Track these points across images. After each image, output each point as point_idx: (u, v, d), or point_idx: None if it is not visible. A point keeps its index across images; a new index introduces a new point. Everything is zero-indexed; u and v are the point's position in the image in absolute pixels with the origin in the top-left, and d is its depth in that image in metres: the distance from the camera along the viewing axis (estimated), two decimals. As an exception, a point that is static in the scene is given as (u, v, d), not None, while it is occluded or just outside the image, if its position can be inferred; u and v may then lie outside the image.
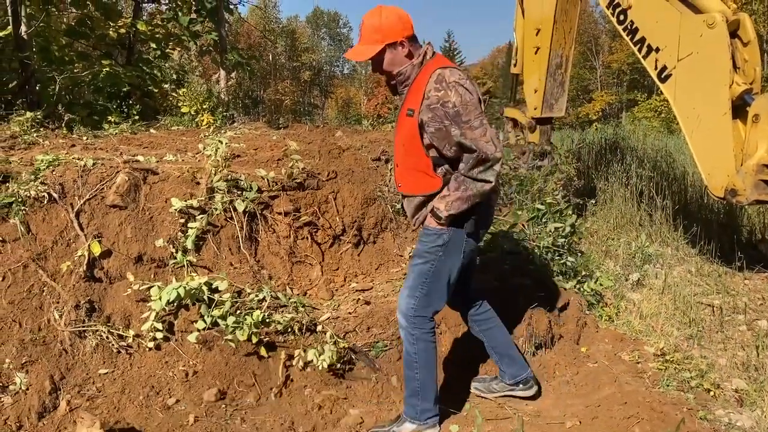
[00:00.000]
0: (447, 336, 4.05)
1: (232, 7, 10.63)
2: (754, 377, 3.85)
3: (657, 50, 5.73)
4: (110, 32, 9.59)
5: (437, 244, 3.15)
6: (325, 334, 3.69)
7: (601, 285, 5.06)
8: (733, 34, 5.29)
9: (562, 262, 4.88)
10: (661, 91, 5.84)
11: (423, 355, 3.24)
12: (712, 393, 3.68)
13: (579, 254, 5.34)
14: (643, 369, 4.04)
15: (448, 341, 4.03)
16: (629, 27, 6.02)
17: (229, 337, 3.55)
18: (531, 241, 4.87)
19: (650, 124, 21.23)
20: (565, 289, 4.66)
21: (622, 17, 6.10)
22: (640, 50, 5.91)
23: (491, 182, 3.00)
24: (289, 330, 3.72)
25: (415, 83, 3.11)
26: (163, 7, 11.00)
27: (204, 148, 4.67)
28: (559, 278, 4.78)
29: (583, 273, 5.05)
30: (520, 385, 3.65)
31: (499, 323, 3.67)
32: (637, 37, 5.92)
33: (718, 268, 5.92)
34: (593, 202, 7.60)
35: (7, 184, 3.92)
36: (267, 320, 3.68)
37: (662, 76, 5.68)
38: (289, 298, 3.99)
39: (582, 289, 4.86)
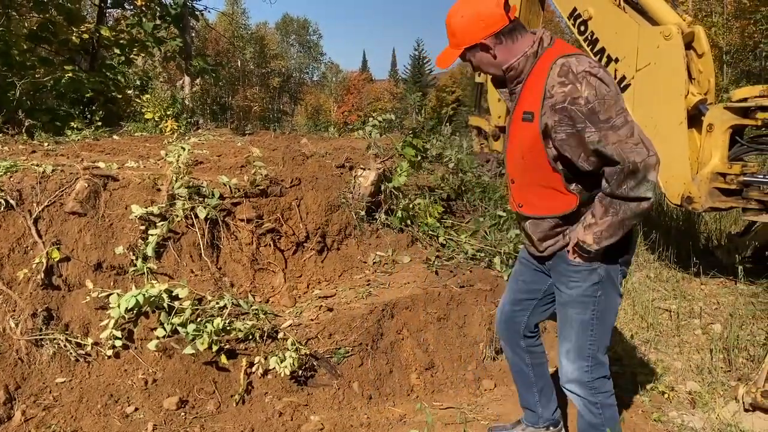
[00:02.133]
0: (409, 341, 4.08)
1: (198, 13, 10.57)
2: (707, 380, 3.96)
3: (616, 60, 5.88)
4: (73, 37, 9.46)
5: (593, 282, 2.57)
6: (287, 341, 3.69)
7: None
8: (689, 45, 5.46)
9: (523, 268, 4.94)
10: (621, 100, 5.97)
11: (611, 423, 2.72)
12: (666, 395, 3.78)
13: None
14: (600, 373, 4.11)
15: (409, 347, 4.07)
16: (590, 38, 6.17)
17: (189, 345, 3.52)
18: (492, 248, 4.92)
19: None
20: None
21: (582, 28, 6.24)
22: (600, 60, 6.05)
23: (649, 198, 2.38)
24: (251, 337, 3.71)
25: (530, 78, 2.52)
26: (128, 13, 10.88)
27: (166, 155, 4.64)
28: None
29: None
30: (551, 428, 3.23)
31: (547, 360, 3.27)
32: (597, 47, 6.07)
33: (676, 273, 6.07)
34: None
35: (-37, 190, 3.85)
36: (228, 328, 3.66)
37: (621, 86, 5.82)
38: (251, 306, 3.98)
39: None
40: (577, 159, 2.42)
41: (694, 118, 5.44)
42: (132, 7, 10.46)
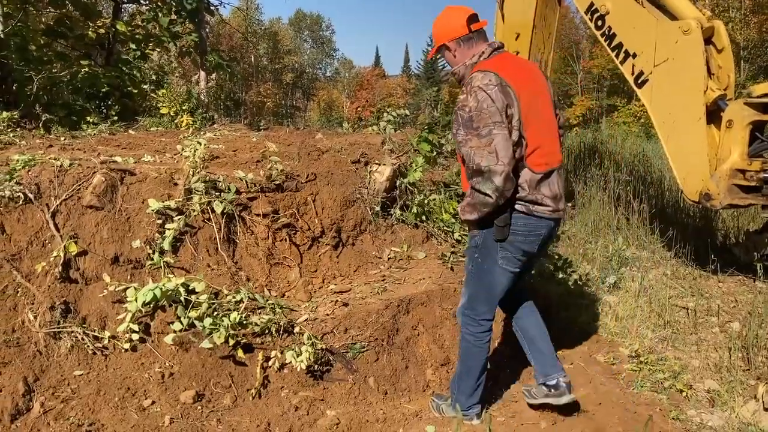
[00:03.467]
0: (424, 337, 4.07)
1: (212, 8, 10.59)
2: (725, 378, 3.92)
3: (634, 56, 5.82)
4: (89, 32, 9.50)
5: (471, 245, 3.29)
6: (303, 335, 3.69)
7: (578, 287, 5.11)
8: (708, 40, 5.39)
9: (540, 264, 4.92)
10: (639, 97, 5.92)
11: (462, 353, 3.41)
12: (684, 394, 3.74)
13: (557, 257, 5.39)
14: (618, 370, 4.09)
15: (424, 342, 4.06)
16: (607, 33, 6.10)
17: (206, 339, 3.53)
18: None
19: (629, 129, 21.45)
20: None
21: (600, 23, 6.18)
22: (617, 56, 6.00)
23: (489, 195, 2.91)
24: (267, 331, 3.71)
25: (464, 84, 3.11)
26: (143, 8, 10.91)
27: (182, 149, 4.66)
28: (537, 279, 4.82)
29: (561, 275, 5.10)
30: (552, 390, 3.37)
31: (537, 318, 3.55)
32: (615, 42, 6.01)
33: (693, 271, 6.02)
34: (571, 205, 7.67)
35: (-19, 184, 3.88)
36: (244, 322, 3.67)
37: (639, 82, 5.76)
38: (267, 300, 3.98)
39: (559, 291, 4.90)
40: (459, 152, 3.09)
41: (713, 113, 5.38)
42: (147, 2, 10.48)
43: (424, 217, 5.04)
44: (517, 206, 3.09)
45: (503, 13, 7.59)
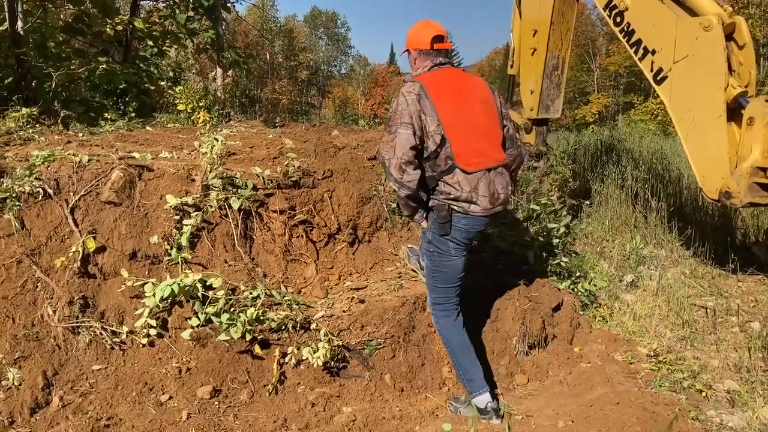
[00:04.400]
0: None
1: (229, 5, 10.61)
2: (745, 378, 3.87)
3: (653, 52, 5.75)
4: (107, 29, 9.56)
5: (425, 242, 3.71)
6: (319, 332, 3.69)
7: (595, 286, 5.07)
8: (729, 37, 5.31)
9: (556, 262, 4.89)
10: (657, 94, 5.86)
11: (446, 344, 3.69)
12: (704, 394, 3.70)
13: (573, 255, 5.36)
14: (636, 369, 4.05)
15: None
16: (626, 29, 6.04)
17: (223, 334, 3.54)
18: (526, 241, 4.87)
19: (646, 126, 21.28)
20: (559, 289, 4.67)
21: (618, 19, 6.11)
22: (636, 52, 5.93)
23: (395, 188, 3.43)
24: (283, 328, 3.72)
25: None
26: (161, 5, 10.96)
27: (200, 146, 4.67)
28: (553, 278, 4.79)
29: (578, 274, 5.06)
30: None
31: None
32: (634, 39, 5.94)
33: (712, 270, 5.95)
34: (588, 203, 7.62)
35: (2, 179, 3.91)
36: (261, 318, 3.68)
37: (658, 79, 5.69)
38: (284, 296, 3.99)
39: (576, 290, 4.87)
40: None
41: (734, 111, 5.29)
42: (165, -2, 10.57)
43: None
44: (454, 207, 3.42)
45: (520, 9, 7.54)
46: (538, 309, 4.32)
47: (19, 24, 7.84)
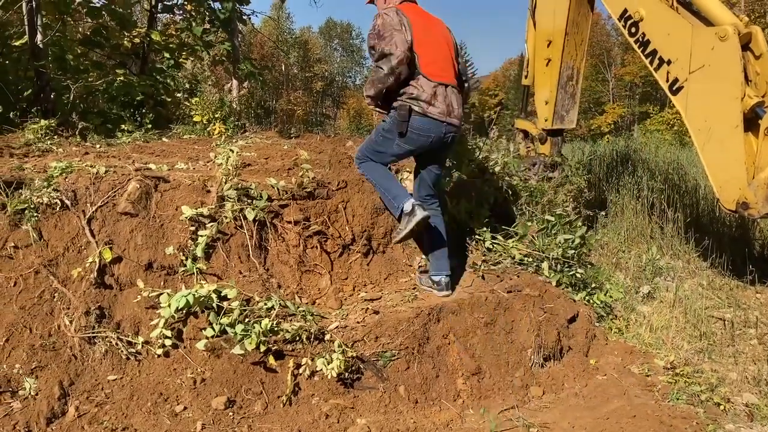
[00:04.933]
0: (455, 346, 4.04)
1: (245, 17, 10.70)
2: (765, 392, 3.82)
3: (668, 62, 5.73)
4: (125, 42, 9.67)
5: (380, 127, 4.44)
6: (334, 343, 3.69)
7: (611, 297, 5.03)
8: (746, 47, 5.29)
9: (571, 273, 4.86)
10: (673, 104, 5.83)
11: (376, 182, 4.57)
12: (722, 407, 3.65)
13: (589, 266, 5.33)
14: (652, 382, 4.01)
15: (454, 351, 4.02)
16: (641, 39, 6.02)
17: (238, 345, 3.55)
18: (540, 253, 4.85)
19: (662, 136, 21.12)
20: (574, 300, 4.64)
21: (633, 29, 6.10)
22: (651, 62, 5.91)
23: (385, 71, 4.05)
24: (298, 339, 3.72)
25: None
26: (177, 18, 11.07)
27: (215, 157, 4.70)
28: (568, 290, 4.76)
29: (593, 285, 5.03)
30: (436, 285, 4.37)
31: (441, 223, 4.52)
32: (649, 49, 5.92)
33: (730, 281, 5.89)
34: (604, 214, 7.57)
35: (21, 190, 3.96)
36: (275, 329, 3.68)
37: (674, 89, 5.67)
38: (298, 307, 4.00)
39: (591, 301, 4.84)
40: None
41: (751, 121, 5.25)
42: (182, 12, 10.64)
43: (455, 226, 5.01)
44: (414, 107, 4.13)
45: (535, 20, 7.55)
46: (553, 320, 4.30)
47: (39, 37, 7.95)
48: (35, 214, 3.85)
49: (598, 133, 40.81)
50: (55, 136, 6.30)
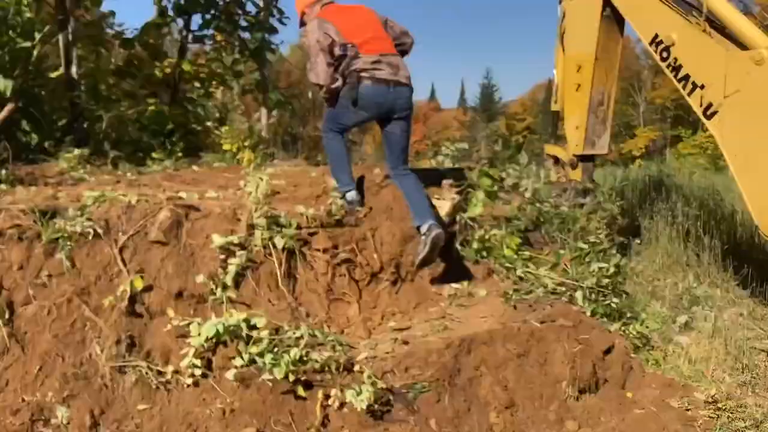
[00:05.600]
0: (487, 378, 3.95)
1: (274, 47, 10.85)
2: (813, 428, 3.66)
3: (702, 87, 5.64)
4: (156, 72, 9.83)
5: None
6: (363, 374, 3.63)
7: (647, 327, 4.91)
8: (782, 70, 5.18)
9: (606, 303, 4.75)
10: (706, 127, 5.73)
11: (329, 154, 5.07)
12: (768, 444, 3.51)
13: (624, 295, 5.20)
14: (693, 417, 3.88)
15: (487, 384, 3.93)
16: (673, 64, 5.95)
17: (267, 374, 3.51)
18: (574, 282, 4.76)
19: (696, 160, 20.84)
20: (609, 331, 4.52)
21: (665, 54, 6.03)
22: (684, 87, 5.83)
23: (323, 93, 4.80)
24: (327, 369, 3.67)
25: None
26: (208, 48, 11.25)
27: (245, 185, 4.73)
28: (603, 320, 4.65)
29: (629, 315, 4.91)
30: (424, 233, 4.59)
31: (413, 179, 4.92)
32: (681, 74, 5.84)
33: (772, 311, 5.71)
34: (638, 241, 7.43)
35: (55, 219, 4.00)
36: (304, 358, 3.64)
37: (708, 114, 5.57)
38: (327, 336, 3.96)
39: (627, 332, 4.72)
40: None
41: (789, 145, 5.14)
42: (212, 42, 10.81)
43: (484, 253, 4.95)
44: (363, 75, 4.60)
45: (563, 45, 7.52)
46: (588, 352, 4.19)
47: (74, 69, 8.14)
48: (69, 243, 3.88)
49: (629, 157, 40.38)
50: (88, 165, 6.40)
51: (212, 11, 10.09)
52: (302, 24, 5.05)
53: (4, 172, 5.43)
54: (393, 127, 4.89)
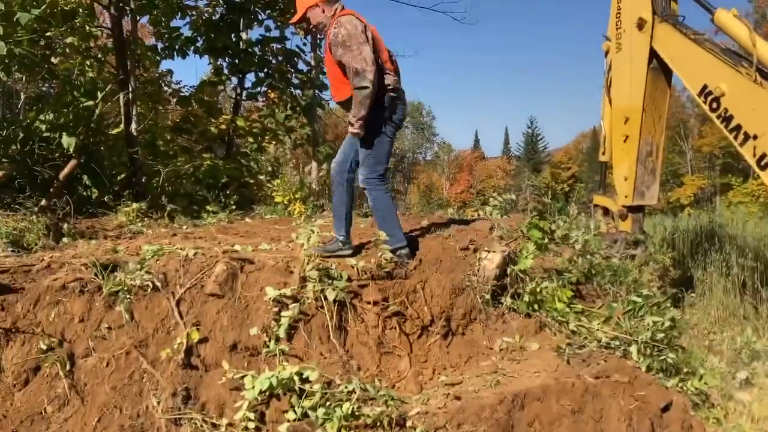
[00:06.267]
0: None
1: (324, 102, 11.17)
2: None
3: (755, 137, 5.58)
4: (212, 128, 10.23)
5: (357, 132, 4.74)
6: (415, 429, 3.61)
7: (705, 384, 4.74)
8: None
9: (662, 358, 4.62)
10: (757, 175, 5.63)
11: (381, 208, 4.98)
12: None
13: (680, 350, 5.06)
14: (759, 479, 3.71)
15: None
16: (723, 115, 5.91)
17: (320, 429, 3.52)
18: (628, 336, 4.66)
19: (748, 209, 20.30)
20: (666, 387, 4.39)
21: (714, 105, 6.00)
22: (735, 137, 5.78)
23: (366, 87, 4.46)
24: (379, 424, 3.65)
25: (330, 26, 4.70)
26: (261, 104, 11.67)
27: (296, 237, 4.82)
28: (659, 375, 4.52)
29: (686, 370, 4.76)
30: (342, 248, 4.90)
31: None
32: (732, 124, 5.80)
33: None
34: (691, 293, 7.25)
35: (115, 273, 4.15)
36: (356, 413, 3.63)
37: (762, 164, 5.50)
38: (378, 391, 3.95)
39: (685, 388, 4.57)
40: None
41: None
42: (265, 99, 11.22)
43: (536, 306, 4.90)
44: (391, 93, 4.74)
45: (610, 97, 7.54)
46: (645, 409, 4.07)
47: (133, 125, 8.52)
48: (128, 296, 4.02)
49: (677, 205, 39.64)
50: (146, 219, 6.63)
51: (265, 70, 10.51)
52: (302, 20, 4.91)
53: (66, 225, 5.69)
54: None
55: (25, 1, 7.28)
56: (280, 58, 10.91)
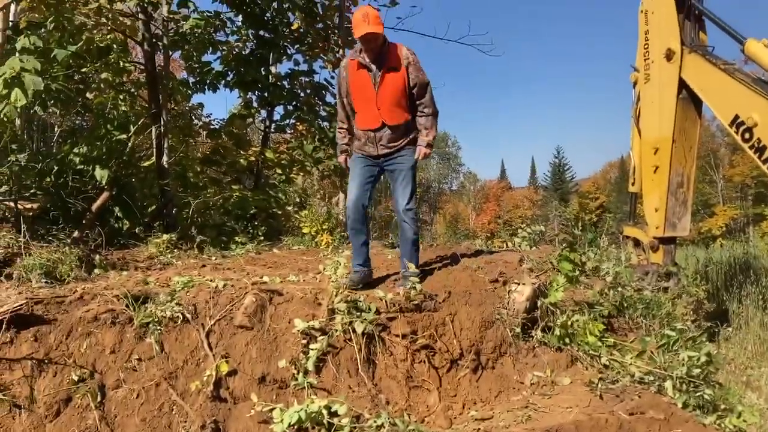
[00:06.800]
0: None
1: (350, 134, 11.27)
2: None
3: (790, 168, 5.48)
4: (241, 160, 10.37)
5: (410, 164, 5.24)
6: (445, 465, 3.55)
7: (744, 421, 4.59)
8: None
9: (698, 394, 4.49)
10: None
11: (416, 245, 5.22)
12: None
13: (717, 386, 4.92)
14: None
15: None
16: (756, 145, 5.84)
17: (348, 464, 3.48)
18: (662, 371, 4.55)
19: (783, 240, 19.84)
20: (704, 425, 4.26)
21: (747, 135, 5.93)
22: (769, 168, 5.68)
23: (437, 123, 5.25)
24: (408, 459, 3.61)
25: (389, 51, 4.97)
26: (289, 136, 11.81)
27: (324, 269, 4.83)
28: (696, 412, 4.39)
29: (723, 407, 4.62)
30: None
31: None
32: (766, 155, 5.71)
33: None
34: (727, 327, 7.08)
35: (146, 304, 4.19)
36: (385, 448, 3.60)
37: (798, 195, 5.38)
38: (407, 426, 3.89)
39: (723, 426, 4.43)
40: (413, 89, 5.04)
41: None
42: (293, 131, 11.36)
43: (567, 340, 4.82)
44: None
45: (639, 128, 7.49)
46: (682, 447, 3.95)
47: (165, 158, 8.66)
48: (159, 328, 4.04)
49: (708, 236, 38.95)
50: (176, 250, 6.70)
51: (294, 102, 10.65)
52: (376, 35, 4.86)
53: (98, 257, 5.76)
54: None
55: (62, 38, 7.50)
56: (308, 91, 11.07)
